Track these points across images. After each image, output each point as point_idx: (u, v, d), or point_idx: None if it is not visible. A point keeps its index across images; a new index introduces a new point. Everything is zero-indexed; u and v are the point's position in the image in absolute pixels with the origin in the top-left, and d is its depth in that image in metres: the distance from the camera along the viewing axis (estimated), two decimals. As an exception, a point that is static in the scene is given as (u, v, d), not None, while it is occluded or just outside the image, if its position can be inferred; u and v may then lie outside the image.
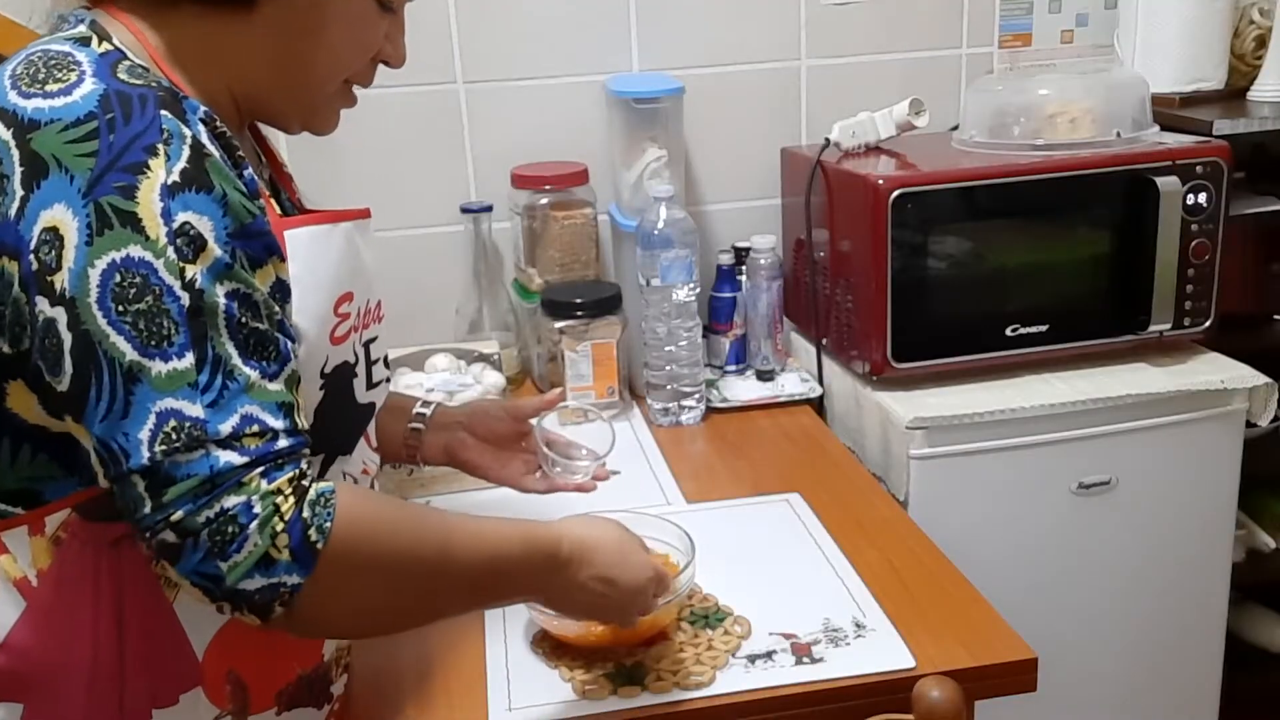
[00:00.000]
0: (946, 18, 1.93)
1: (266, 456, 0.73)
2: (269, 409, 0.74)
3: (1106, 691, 1.65)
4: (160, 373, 0.71)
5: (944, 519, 1.46)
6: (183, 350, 0.72)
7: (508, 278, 1.87)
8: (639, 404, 1.72)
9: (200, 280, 0.73)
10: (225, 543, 0.71)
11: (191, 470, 0.71)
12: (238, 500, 0.71)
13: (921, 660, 1.05)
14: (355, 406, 0.90)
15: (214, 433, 0.71)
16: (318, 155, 1.78)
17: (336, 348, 0.86)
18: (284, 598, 0.73)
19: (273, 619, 0.75)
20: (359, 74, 0.92)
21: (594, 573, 0.92)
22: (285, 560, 0.72)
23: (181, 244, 0.72)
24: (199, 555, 0.71)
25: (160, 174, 0.72)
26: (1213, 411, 1.58)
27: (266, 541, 0.72)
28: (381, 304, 0.96)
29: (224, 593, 0.72)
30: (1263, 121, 1.67)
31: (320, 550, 0.74)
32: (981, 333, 1.59)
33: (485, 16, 1.79)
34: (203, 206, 0.74)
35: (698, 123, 1.83)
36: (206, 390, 0.72)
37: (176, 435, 0.71)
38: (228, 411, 0.72)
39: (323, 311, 0.84)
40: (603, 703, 1.01)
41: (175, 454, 0.71)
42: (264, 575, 0.72)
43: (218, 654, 0.85)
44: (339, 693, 0.99)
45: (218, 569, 0.71)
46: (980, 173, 1.54)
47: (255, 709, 0.88)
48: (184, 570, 0.72)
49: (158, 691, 0.84)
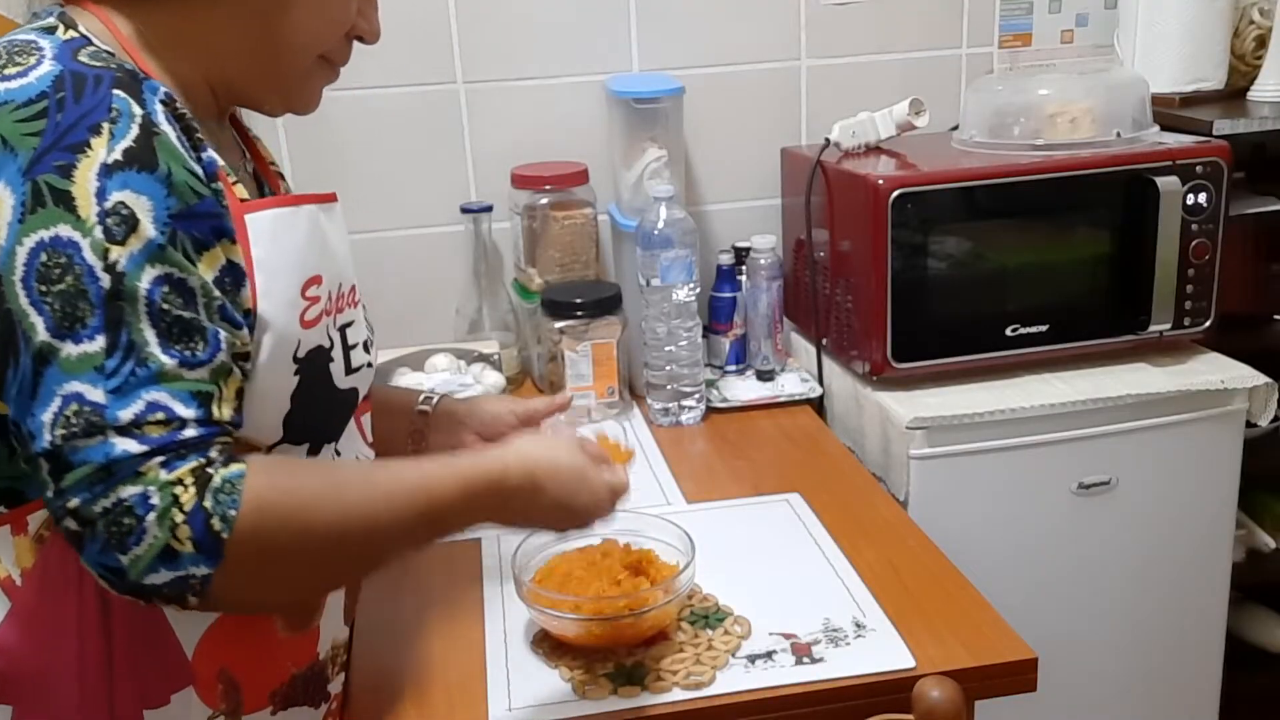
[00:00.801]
0: (946, 18, 1.93)
1: (168, 446, 0.71)
2: (180, 397, 0.73)
3: (1106, 691, 1.65)
4: (70, 355, 0.70)
5: (944, 519, 1.46)
6: (95, 333, 0.71)
7: (508, 278, 1.87)
8: (639, 404, 1.72)
9: (124, 263, 0.72)
10: (123, 535, 0.70)
11: (87, 457, 0.70)
12: (134, 491, 0.70)
13: (921, 660, 1.05)
14: (334, 392, 0.89)
15: (112, 419, 0.70)
16: (318, 155, 1.78)
17: (308, 331, 0.85)
18: (195, 588, 0.72)
19: (190, 607, 0.74)
20: (334, 51, 0.92)
21: (548, 500, 0.90)
22: (189, 552, 0.71)
23: (111, 224, 0.71)
24: (97, 545, 0.70)
25: (101, 153, 0.72)
26: (1213, 411, 1.58)
27: (166, 534, 0.70)
28: (356, 289, 0.95)
29: (128, 586, 0.71)
30: (1263, 121, 1.67)
31: (226, 540, 0.72)
32: (981, 333, 1.59)
33: (485, 16, 1.79)
34: (142, 185, 0.73)
35: (698, 123, 1.83)
36: (113, 375, 0.71)
37: (75, 420, 0.70)
38: (131, 398, 0.71)
39: (290, 295, 0.83)
40: (603, 703, 1.01)
41: (74, 439, 0.70)
42: (169, 569, 0.71)
43: (208, 653, 0.84)
44: (336, 691, 0.99)
45: (118, 562, 0.70)
46: (980, 173, 1.54)
47: (249, 708, 0.88)
48: (88, 560, 0.72)
49: (148, 691, 0.83)
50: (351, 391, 0.92)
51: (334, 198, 0.94)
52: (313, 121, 1.76)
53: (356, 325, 0.93)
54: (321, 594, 0.90)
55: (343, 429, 0.92)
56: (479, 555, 1.31)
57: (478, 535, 1.35)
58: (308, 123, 1.76)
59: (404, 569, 1.29)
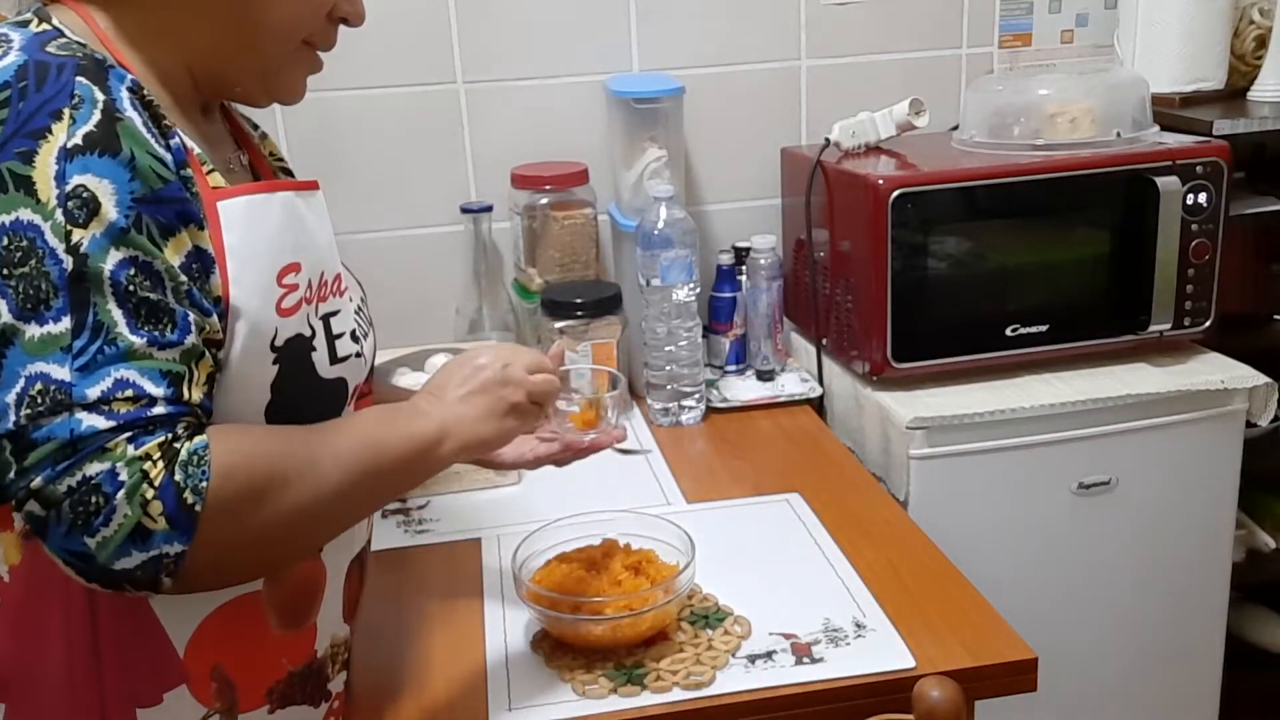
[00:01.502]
0: (946, 18, 1.93)
1: (137, 422, 0.71)
2: (149, 375, 0.72)
3: (1106, 691, 1.65)
4: (33, 336, 0.70)
5: (944, 519, 1.46)
6: (59, 314, 0.71)
7: (508, 278, 1.87)
8: (639, 404, 1.72)
9: (87, 245, 0.71)
10: (90, 514, 0.69)
11: (52, 433, 0.69)
12: (101, 467, 0.69)
13: (921, 660, 1.05)
14: (318, 382, 0.88)
15: (80, 396, 0.70)
16: (319, 155, 1.78)
17: (286, 320, 0.83)
18: (169, 568, 0.71)
19: (164, 590, 0.73)
20: (317, 35, 0.90)
21: (456, 379, 0.93)
22: (163, 529, 0.70)
23: (73, 207, 0.71)
24: (63, 529, 0.69)
25: (61, 138, 0.72)
26: (1213, 411, 1.58)
27: (137, 512, 0.69)
28: (342, 278, 0.93)
29: (96, 572, 0.70)
30: (1263, 121, 1.67)
31: (199, 512, 0.71)
32: (981, 333, 1.59)
33: (485, 16, 1.79)
34: (104, 169, 0.73)
35: (698, 123, 1.83)
36: (80, 355, 0.70)
37: (41, 399, 0.69)
38: (99, 376, 0.70)
39: (263, 282, 0.82)
40: (603, 703, 1.01)
41: (39, 418, 0.69)
42: (140, 549, 0.70)
43: (200, 650, 0.83)
44: (338, 690, 0.98)
45: (84, 545, 0.69)
46: (980, 173, 1.54)
47: (245, 707, 0.87)
48: (53, 547, 0.70)
49: (139, 690, 0.82)
50: (339, 382, 0.90)
51: (315, 185, 0.93)
52: (313, 121, 1.78)
53: (343, 315, 0.91)
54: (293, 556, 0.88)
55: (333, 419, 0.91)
56: (479, 555, 1.31)
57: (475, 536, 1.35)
58: (308, 122, 1.77)
59: (404, 570, 1.29)
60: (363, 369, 0.96)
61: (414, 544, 1.35)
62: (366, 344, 0.97)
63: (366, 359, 0.97)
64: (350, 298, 0.96)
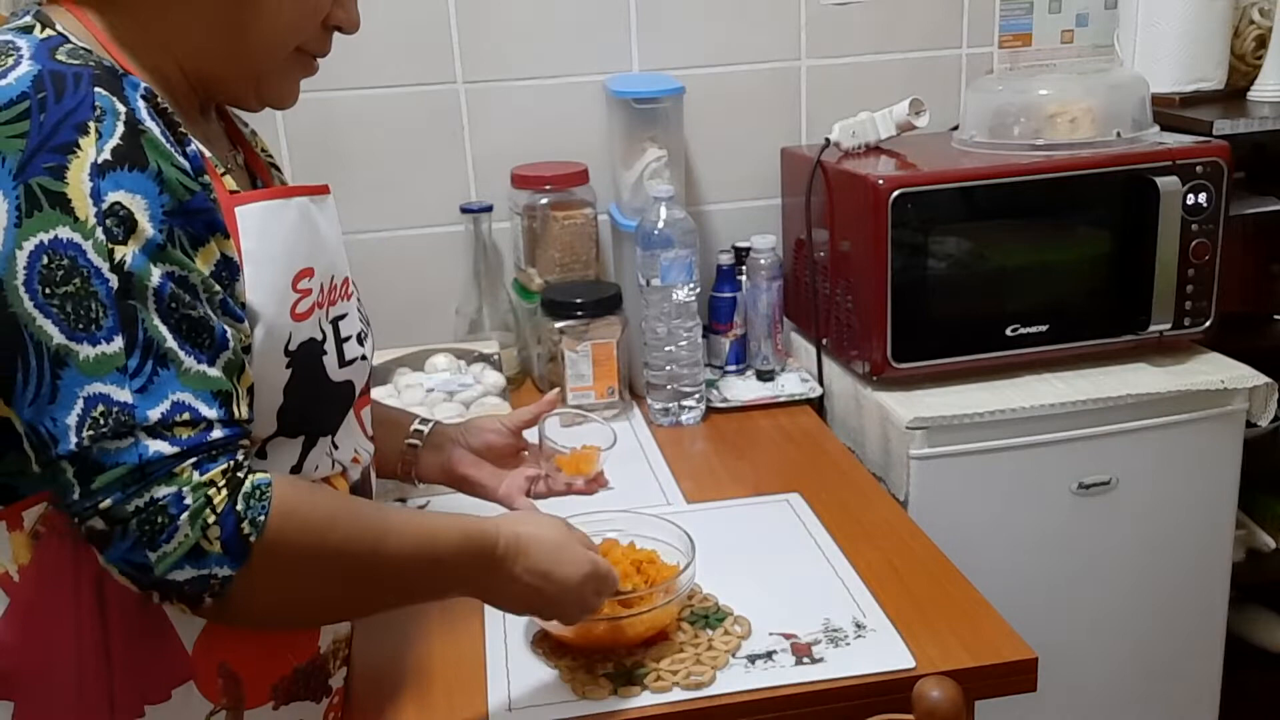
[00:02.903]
0: (946, 18, 1.93)
1: (200, 447, 0.73)
2: (202, 397, 0.74)
3: (1106, 691, 1.65)
4: (88, 356, 0.71)
5: (944, 519, 1.46)
6: (111, 334, 0.71)
7: (508, 278, 1.87)
8: (639, 404, 1.72)
9: (130, 261, 0.72)
10: (155, 533, 0.71)
11: (121, 459, 0.71)
12: (169, 491, 0.71)
13: (921, 660, 1.05)
14: (329, 384, 0.89)
15: (142, 419, 0.71)
16: (319, 155, 1.78)
17: (300, 324, 0.85)
18: (214, 589, 0.74)
19: (203, 609, 0.75)
20: (311, 41, 0.90)
21: (528, 565, 0.92)
22: (216, 552, 0.73)
23: (111, 224, 0.71)
24: (128, 544, 0.71)
25: (90, 153, 0.72)
26: (1213, 411, 1.58)
27: (197, 533, 0.72)
28: (349, 281, 0.94)
29: (151, 582, 0.73)
30: (1263, 121, 1.67)
31: (253, 543, 0.74)
32: (981, 333, 1.59)
33: (485, 16, 1.79)
34: (135, 185, 0.73)
35: (698, 123, 1.83)
36: (136, 375, 0.71)
37: (104, 421, 0.70)
38: (157, 398, 0.72)
39: (280, 287, 0.83)
40: (603, 703, 1.01)
41: (103, 440, 0.70)
42: (194, 566, 0.72)
43: (207, 647, 0.84)
44: (338, 686, 0.98)
45: (146, 558, 0.72)
46: (980, 173, 1.54)
47: (251, 703, 0.88)
48: (112, 558, 0.72)
49: (148, 686, 0.83)
50: (346, 384, 0.92)
51: (326, 190, 0.93)
52: (313, 122, 1.78)
53: (349, 318, 0.92)
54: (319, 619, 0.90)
55: (339, 422, 0.92)
56: (479, 555, 1.30)
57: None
58: (308, 122, 1.77)
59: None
60: (366, 371, 0.96)
61: (414, 544, 1.35)
62: (368, 344, 0.97)
63: (369, 360, 0.97)
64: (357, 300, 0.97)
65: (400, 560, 0.84)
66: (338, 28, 0.91)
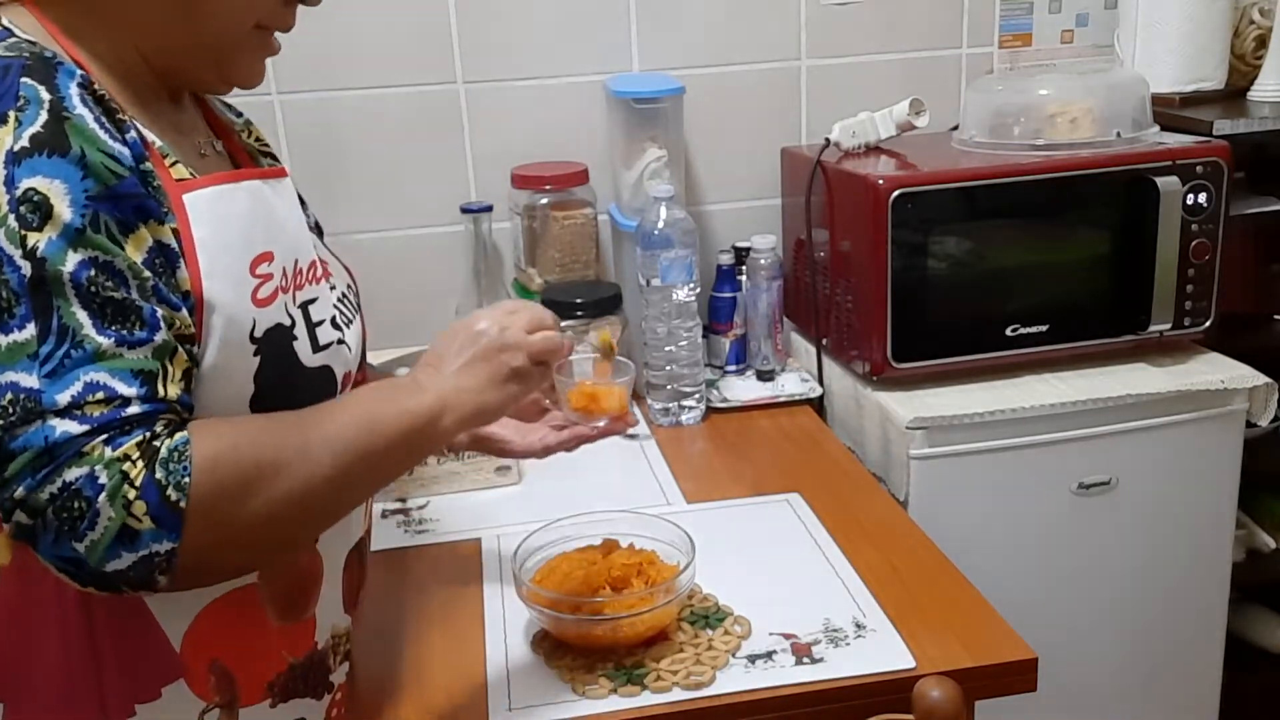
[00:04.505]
0: (946, 18, 1.93)
1: (112, 424, 0.70)
2: (120, 376, 0.71)
3: (1106, 691, 1.65)
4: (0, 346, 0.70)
5: (944, 519, 1.46)
6: (24, 321, 0.70)
7: (508, 278, 1.87)
8: (639, 404, 1.72)
9: (44, 248, 0.70)
10: (75, 520, 0.68)
11: (28, 442, 0.68)
12: (80, 472, 0.69)
13: (921, 660, 1.05)
14: (304, 370, 0.87)
15: (50, 403, 0.69)
16: (318, 155, 1.78)
17: (263, 310, 0.83)
18: (161, 566, 0.71)
19: (161, 588, 0.73)
20: (271, 17, 0.88)
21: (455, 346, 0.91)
22: (149, 529, 0.70)
23: (25, 211, 0.70)
24: (51, 537, 0.69)
25: (7, 141, 0.71)
26: (1213, 411, 1.58)
27: (121, 513, 0.69)
28: (318, 264, 0.92)
29: (90, 576, 0.70)
30: (1263, 121, 1.67)
31: (184, 509, 0.71)
32: (981, 333, 1.59)
33: (485, 16, 1.79)
34: (54, 170, 0.72)
35: (698, 123, 1.83)
36: (46, 361, 0.70)
37: (12, 409, 0.68)
38: (67, 381, 0.70)
39: (237, 273, 0.81)
40: (603, 703, 1.01)
41: (12, 428, 0.68)
42: (129, 550, 0.70)
43: (196, 644, 0.83)
44: (340, 681, 0.97)
45: (74, 551, 0.69)
46: (980, 173, 1.54)
47: (247, 701, 0.87)
48: (44, 555, 0.70)
49: (138, 685, 0.82)
50: (324, 370, 0.90)
51: (282, 172, 0.92)
52: (313, 121, 1.78)
53: (321, 302, 0.90)
54: (289, 545, 0.86)
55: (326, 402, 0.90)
56: (479, 555, 1.31)
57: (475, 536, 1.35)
58: (308, 122, 1.77)
59: (404, 570, 1.29)
60: (349, 356, 0.94)
61: (414, 544, 1.35)
62: (350, 331, 0.95)
63: (352, 346, 0.95)
64: (333, 285, 0.95)
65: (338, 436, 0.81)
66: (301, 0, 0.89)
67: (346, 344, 0.93)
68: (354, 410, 0.85)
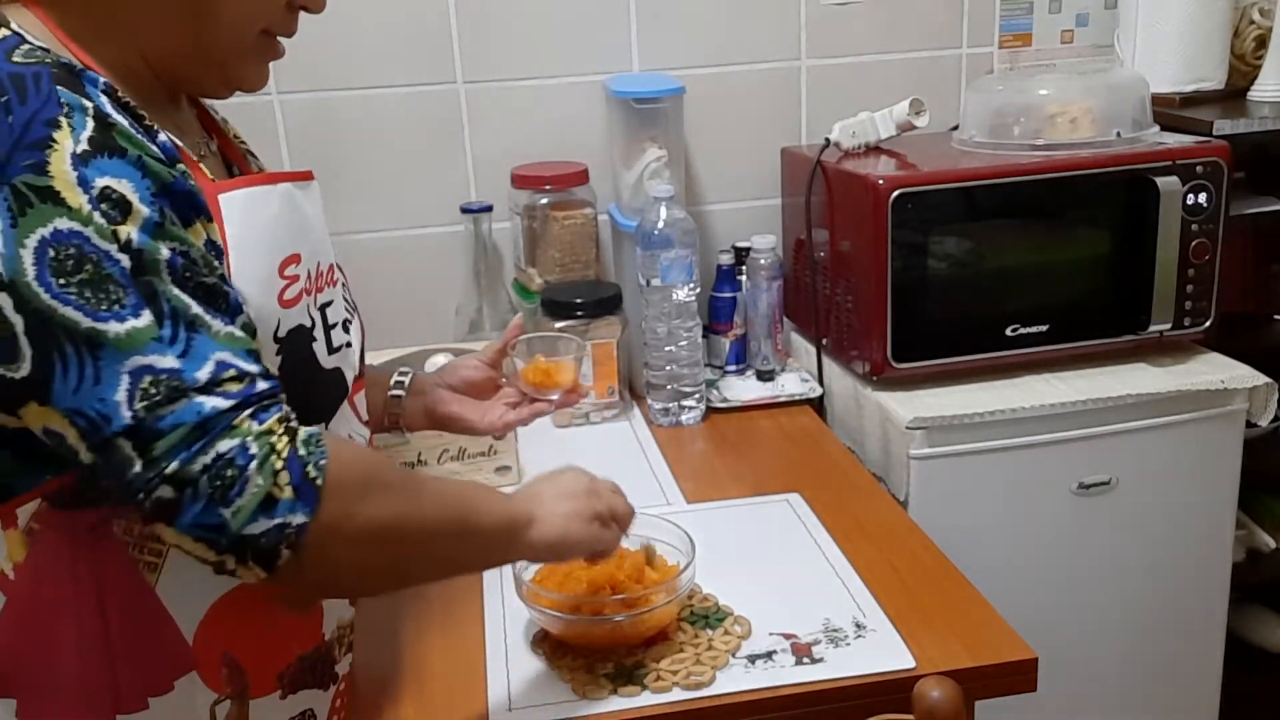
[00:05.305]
0: (946, 18, 1.93)
1: (251, 399, 0.73)
2: (240, 355, 0.75)
3: (1106, 691, 1.65)
4: (119, 333, 0.71)
5: (944, 519, 1.46)
6: (137, 309, 0.71)
7: (508, 278, 1.87)
8: (639, 404, 1.72)
9: (136, 239, 0.72)
10: (226, 487, 0.71)
11: (179, 419, 0.70)
12: (232, 444, 0.71)
13: (921, 660, 1.05)
14: (320, 371, 0.89)
15: (192, 380, 0.71)
16: (319, 155, 1.78)
17: (288, 311, 0.85)
18: (290, 539, 0.73)
19: (280, 566, 0.74)
20: (276, 23, 0.89)
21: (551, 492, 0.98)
22: (289, 498, 0.73)
23: (107, 208, 0.71)
24: (199, 505, 0.71)
25: (68, 144, 0.72)
26: (1213, 411, 1.58)
27: (268, 481, 0.72)
28: (335, 268, 0.95)
29: (230, 540, 0.72)
30: (1263, 121, 1.67)
31: (320, 486, 0.74)
32: (981, 333, 1.59)
33: (485, 16, 1.79)
34: (119, 170, 0.73)
35: (698, 123, 1.83)
36: (174, 342, 0.72)
37: (155, 389, 0.70)
38: (200, 359, 0.72)
39: (266, 274, 0.83)
40: (603, 703, 1.01)
41: (158, 407, 0.70)
42: (267, 517, 0.72)
43: (209, 637, 0.84)
44: (344, 673, 0.99)
45: (220, 516, 0.71)
46: (980, 173, 1.54)
47: (257, 692, 0.88)
48: (184, 525, 0.71)
49: (150, 679, 0.83)
50: (336, 372, 0.92)
51: (310, 176, 0.93)
52: (313, 121, 1.78)
53: (335, 305, 0.93)
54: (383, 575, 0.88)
55: (332, 411, 0.92)
56: (479, 555, 1.30)
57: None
58: (308, 122, 1.77)
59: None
60: (354, 358, 0.96)
61: (414, 544, 1.35)
62: (353, 331, 0.97)
63: (355, 347, 0.97)
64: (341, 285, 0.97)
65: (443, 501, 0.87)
66: (304, 7, 0.90)
67: (353, 346, 0.96)
68: (463, 488, 0.96)
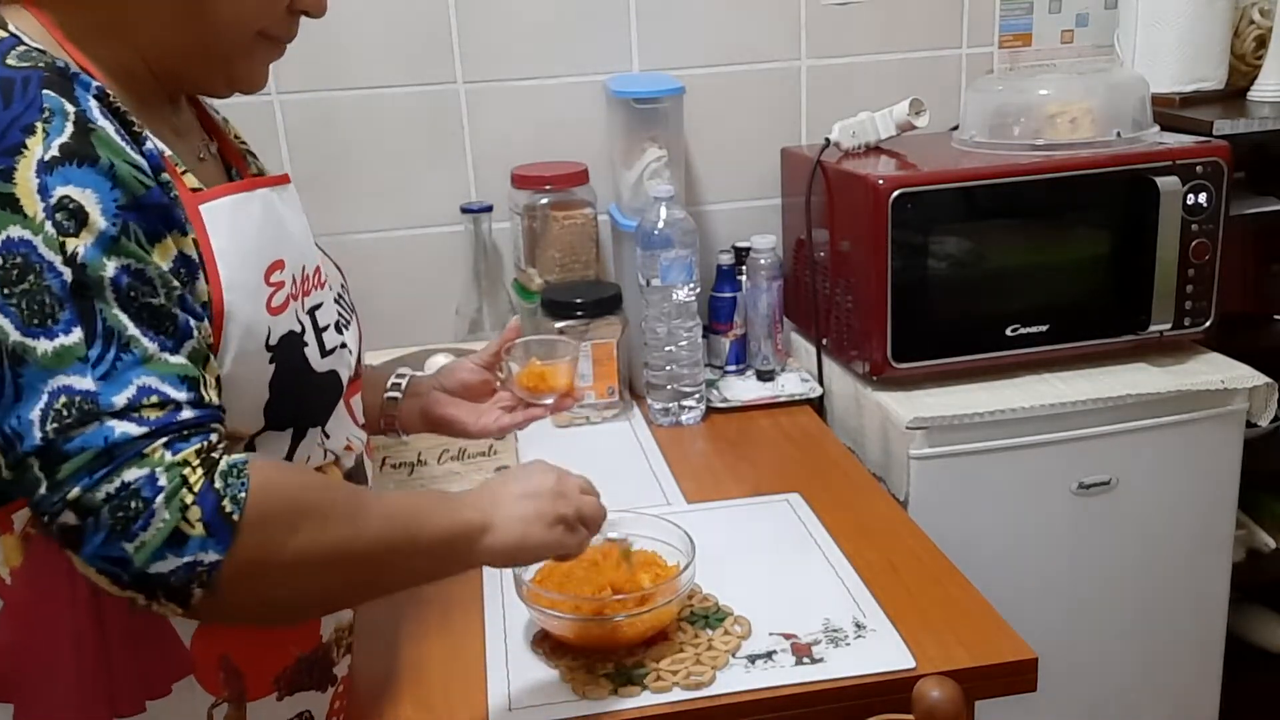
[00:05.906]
0: (946, 18, 1.93)
1: (169, 427, 0.71)
2: (169, 380, 0.72)
3: (1106, 691, 1.65)
4: (46, 351, 0.69)
5: (944, 519, 1.46)
6: (69, 326, 0.70)
7: (508, 278, 1.87)
8: (639, 404, 1.72)
9: (84, 254, 0.71)
10: (129, 519, 0.68)
11: (86, 443, 0.68)
12: (140, 473, 0.69)
13: (921, 660, 1.05)
14: (314, 376, 0.88)
15: (107, 404, 0.69)
16: (319, 155, 1.78)
17: (277, 318, 0.84)
18: (201, 577, 0.70)
19: (194, 604, 0.72)
20: (275, 25, 0.88)
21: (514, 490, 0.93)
22: (199, 535, 0.70)
23: (61, 218, 0.70)
24: (100, 536, 0.68)
25: (37, 151, 0.71)
26: (1213, 411, 1.58)
27: (175, 516, 0.69)
28: (321, 270, 0.93)
29: (133, 577, 0.69)
30: (1263, 121, 1.67)
31: (237, 521, 0.71)
32: (981, 333, 1.59)
33: (485, 16, 1.79)
34: (85, 179, 0.72)
35: (698, 123, 1.83)
36: (98, 363, 0.70)
37: (68, 411, 0.69)
38: (121, 383, 0.70)
39: (253, 282, 0.82)
40: (603, 703, 1.01)
41: (68, 430, 0.68)
42: (176, 554, 0.69)
43: (206, 640, 0.84)
44: (343, 674, 0.98)
45: (123, 550, 0.68)
46: (980, 173, 1.54)
47: (254, 695, 0.88)
48: (87, 555, 0.69)
49: (148, 682, 0.83)
50: (331, 374, 0.91)
51: (287, 179, 0.93)
52: (313, 121, 1.78)
53: (325, 307, 0.92)
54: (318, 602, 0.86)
55: (327, 413, 0.92)
56: (479, 555, 1.30)
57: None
58: (308, 122, 1.77)
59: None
60: (350, 360, 0.95)
61: (414, 544, 1.35)
62: (349, 333, 0.96)
63: (351, 349, 0.96)
64: (330, 287, 0.95)
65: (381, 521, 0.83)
66: (304, 12, 0.90)
67: (348, 347, 0.94)
68: (407, 501, 0.90)
